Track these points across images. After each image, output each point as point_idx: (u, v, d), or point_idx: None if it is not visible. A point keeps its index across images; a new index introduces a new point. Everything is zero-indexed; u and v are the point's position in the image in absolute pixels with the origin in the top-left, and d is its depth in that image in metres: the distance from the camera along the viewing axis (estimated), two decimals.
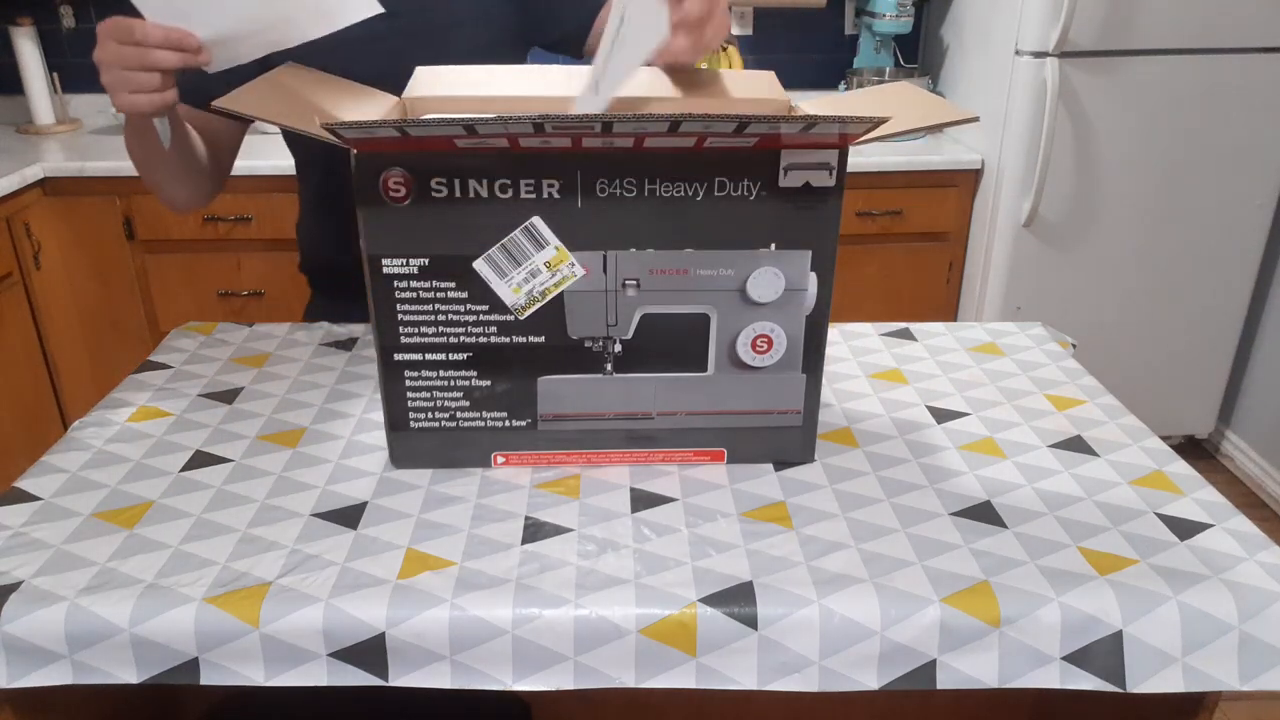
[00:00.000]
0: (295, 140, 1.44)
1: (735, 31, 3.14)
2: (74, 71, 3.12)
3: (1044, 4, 2.44)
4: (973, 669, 0.82)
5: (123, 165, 2.61)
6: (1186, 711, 0.97)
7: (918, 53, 3.20)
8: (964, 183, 2.74)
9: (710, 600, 0.84)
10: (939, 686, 0.81)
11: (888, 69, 3.03)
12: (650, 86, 1.05)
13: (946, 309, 2.89)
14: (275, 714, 1.19)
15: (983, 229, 2.72)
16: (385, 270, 0.94)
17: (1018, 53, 2.53)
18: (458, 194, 0.91)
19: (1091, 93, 2.51)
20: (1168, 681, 0.83)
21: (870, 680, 0.81)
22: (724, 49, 3.00)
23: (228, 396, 1.19)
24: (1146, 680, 0.83)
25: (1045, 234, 2.64)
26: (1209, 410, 2.92)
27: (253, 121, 1.34)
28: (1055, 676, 0.82)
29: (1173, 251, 2.69)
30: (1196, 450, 3.07)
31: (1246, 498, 2.84)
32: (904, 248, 2.79)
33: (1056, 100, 2.47)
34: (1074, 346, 1.35)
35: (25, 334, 2.60)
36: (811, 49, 3.19)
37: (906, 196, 2.72)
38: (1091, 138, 2.55)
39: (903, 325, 1.40)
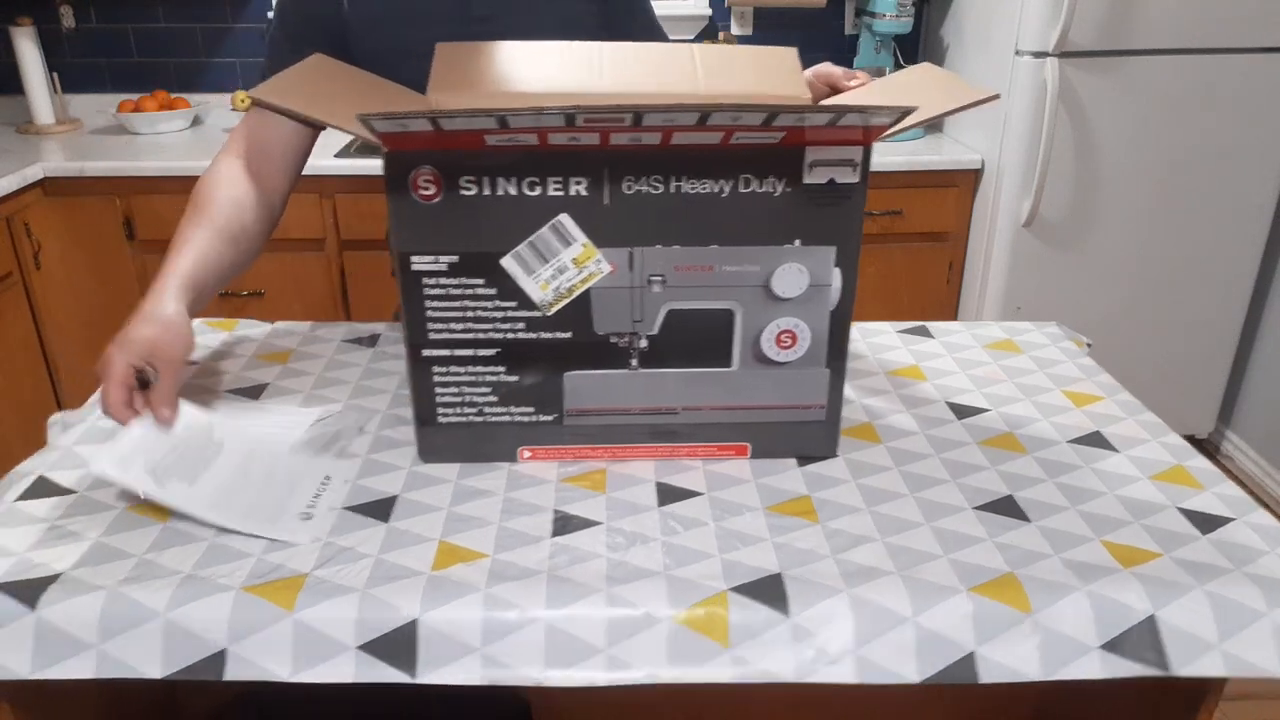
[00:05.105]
0: None
1: (735, 31, 3.15)
2: (74, 71, 3.12)
3: (1044, 4, 2.45)
4: (1014, 661, 0.82)
5: (123, 165, 2.60)
6: (1186, 713, 0.98)
7: (918, 53, 3.21)
8: (964, 182, 2.75)
9: (741, 590, 0.84)
10: (981, 680, 0.82)
11: (888, 69, 3.04)
12: (668, 65, 1.05)
13: (946, 309, 2.90)
14: (274, 717, 1.19)
15: (983, 229, 2.73)
16: (414, 267, 0.94)
17: (1018, 53, 2.54)
18: (486, 191, 0.92)
19: (1091, 93, 2.52)
20: (1209, 666, 0.83)
21: (910, 673, 0.82)
22: None
23: (253, 392, 1.19)
24: (1188, 665, 0.84)
25: (1045, 234, 2.66)
26: (1209, 410, 2.94)
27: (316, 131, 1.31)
28: (1097, 666, 0.83)
29: (1173, 251, 2.71)
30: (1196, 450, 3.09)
31: None
32: (904, 248, 2.80)
33: (1056, 100, 2.48)
34: (1089, 345, 1.36)
35: (25, 334, 2.59)
36: (811, 49, 3.20)
37: (906, 196, 2.73)
38: (1091, 138, 2.56)
39: (919, 323, 1.41)
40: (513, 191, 0.92)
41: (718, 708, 1.29)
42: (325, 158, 2.61)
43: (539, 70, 1.05)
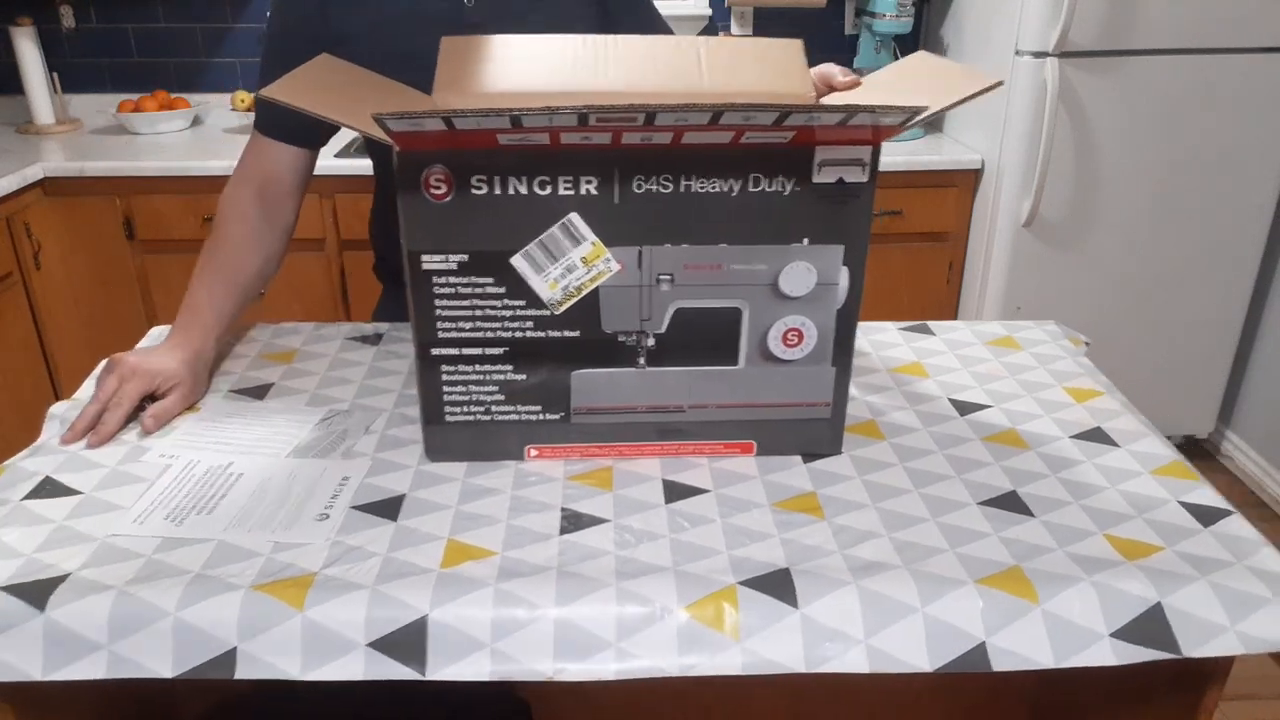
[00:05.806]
0: (374, 142, 1.43)
1: (735, 31, 3.16)
2: (74, 71, 3.12)
3: (1044, 4, 2.46)
4: (1026, 650, 0.83)
5: (123, 165, 2.61)
6: (1186, 711, 0.99)
7: None
8: (964, 183, 2.76)
9: (749, 585, 0.85)
10: (994, 669, 0.82)
11: None
12: (674, 61, 1.05)
13: (946, 309, 2.91)
14: (271, 718, 1.19)
15: (983, 229, 2.74)
16: (425, 266, 0.95)
17: (1018, 53, 2.55)
18: (497, 191, 0.92)
19: (1091, 93, 2.53)
20: (1224, 646, 0.84)
21: (922, 662, 0.82)
22: None
23: (258, 392, 1.20)
24: (1201, 647, 0.84)
25: (1045, 234, 2.66)
26: (1209, 410, 2.94)
27: (315, 151, 1.34)
28: (1108, 653, 0.83)
29: (1173, 252, 2.71)
30: (1196, 450, 3.08)
31: (1246, 498, 2.84)
32: (904, 248, 2.80)
33: (1056, 100, 2.49)
34: (1086, 344, 1.37)
35: (25, 334, 2.59)
36: (811, 49, 3.20)
37: (906, 196, 2.73)
38: (1091, 138, 2.57)
39: (920, 322, 1.42)
40: (523, 191, 0.92)
41: (719, 708, 1.30)
42: (325, 158, 2.58)
43: (544, 67, 1.06)
